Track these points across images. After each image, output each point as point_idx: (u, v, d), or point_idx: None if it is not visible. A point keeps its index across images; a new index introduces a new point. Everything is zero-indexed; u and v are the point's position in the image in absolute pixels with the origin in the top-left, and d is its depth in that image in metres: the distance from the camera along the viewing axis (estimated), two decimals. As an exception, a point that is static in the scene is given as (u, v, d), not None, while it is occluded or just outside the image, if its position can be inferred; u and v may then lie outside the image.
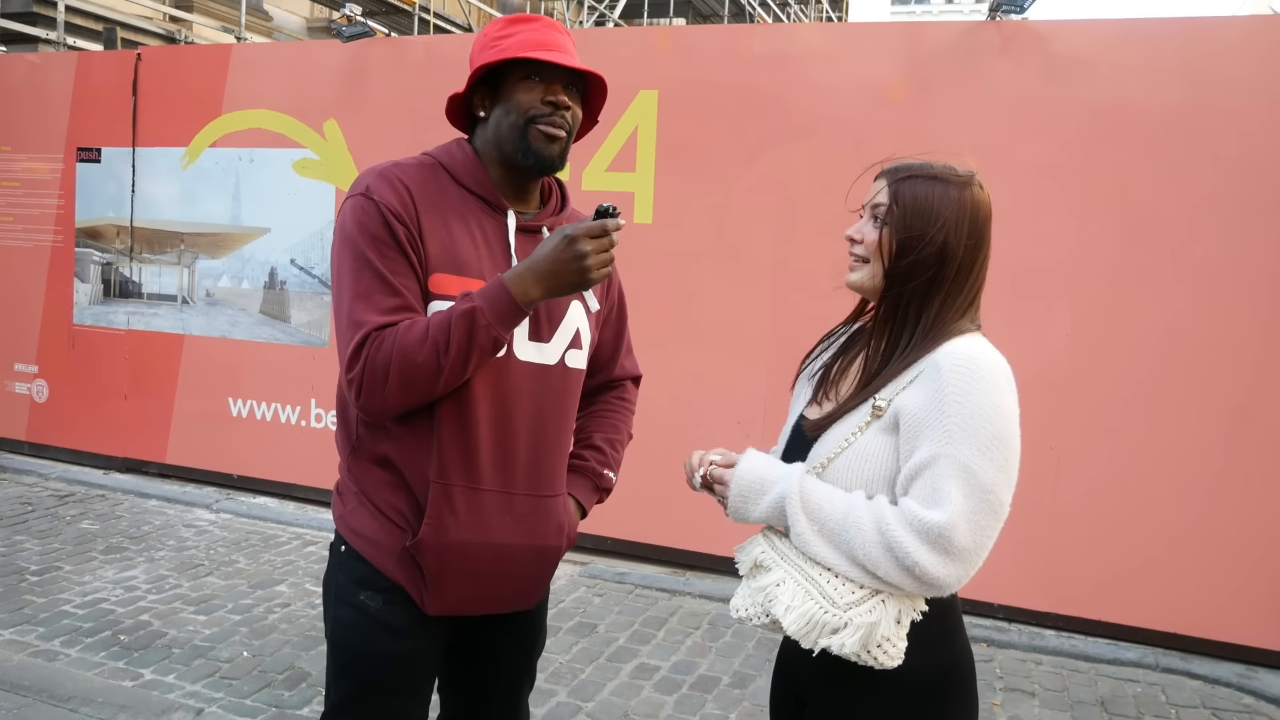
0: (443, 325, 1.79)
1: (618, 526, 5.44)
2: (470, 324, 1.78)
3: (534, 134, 1.93)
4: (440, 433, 1.89)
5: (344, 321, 1.87)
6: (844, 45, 5.35)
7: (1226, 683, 4.32)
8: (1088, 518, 4.65)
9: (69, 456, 6.91)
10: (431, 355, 1.78)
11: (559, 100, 1.95)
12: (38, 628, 4.28)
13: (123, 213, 6.69)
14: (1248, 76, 4.42)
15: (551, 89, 1.95)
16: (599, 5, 16.19)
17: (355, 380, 1.82)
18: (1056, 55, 4.69)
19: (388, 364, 1.79)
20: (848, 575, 1.64)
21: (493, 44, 1.96)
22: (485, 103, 1.99)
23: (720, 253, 5.23)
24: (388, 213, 1.86)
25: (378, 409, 1.86)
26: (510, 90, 1.95)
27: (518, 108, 1.94)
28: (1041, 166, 4.66)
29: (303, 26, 16.32)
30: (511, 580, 2.01)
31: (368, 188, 1.90)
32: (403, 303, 1.85)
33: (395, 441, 1.93)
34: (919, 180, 1.74)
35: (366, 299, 1.84)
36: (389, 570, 1.93)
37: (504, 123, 1.96)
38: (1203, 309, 4.49)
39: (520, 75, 1.94)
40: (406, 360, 1.78)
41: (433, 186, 1.95)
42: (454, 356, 1.79)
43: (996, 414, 1.61)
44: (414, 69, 5.97)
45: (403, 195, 1.89)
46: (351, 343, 1.83)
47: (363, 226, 1.87)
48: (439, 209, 1.93)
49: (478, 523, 1.92)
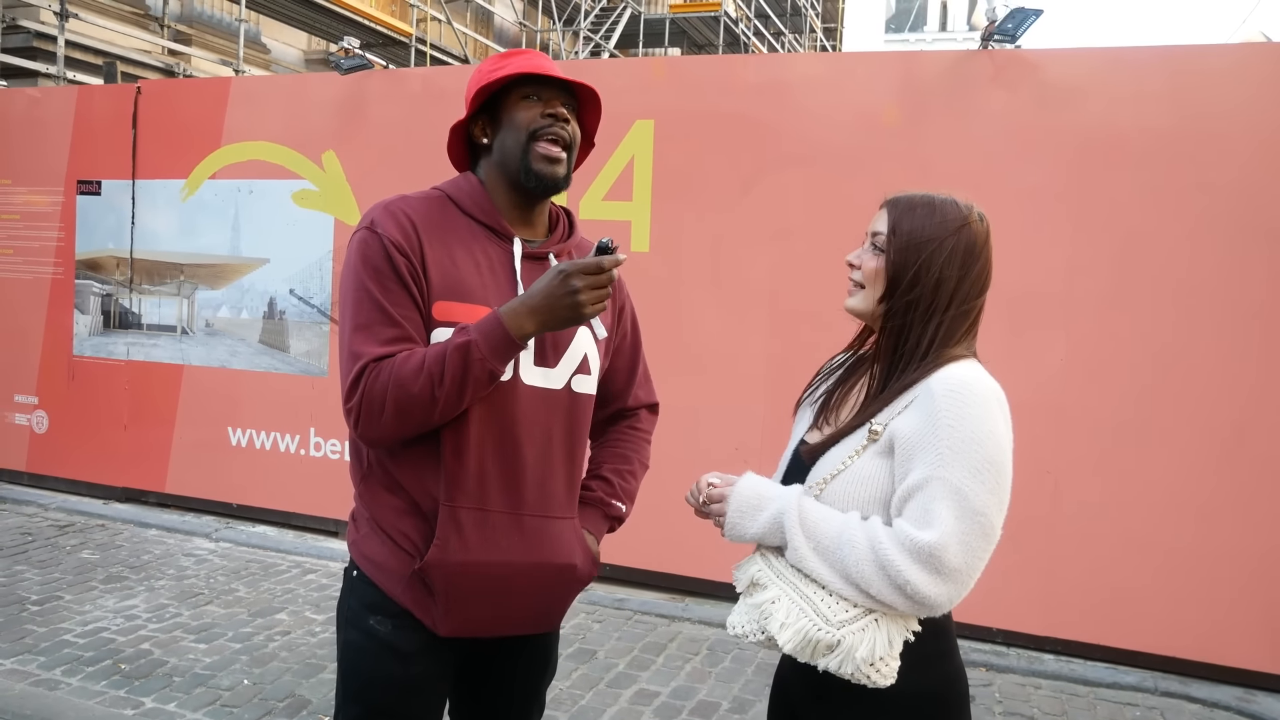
0: (438, 357, 1.83)
1: (616, 553, 5.43)
2: (465, 357, 1.82)
3: (535, 155, 1.99)
4: (447, 456, 1.93)
5: (344, 353, 1.92)
6: (838, 74, 5.41)
7: (1225, 706, 4.33)
8: (1085, 541, 4.66)
9: (69, 487, 6.92)
10: (427, 386, 1.82)
11: (558, 112, 2.01)
12: (39, 657, 4.28)
13: (123, 244, 6.73)
14: (1238, 103, 4.47)
15: (550, 104, 2.01)
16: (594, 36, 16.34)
17: (353, 410, 1.87)
18: (1048, 83, 4.74)
19: (384, 394, 1.84)
20: (841, 593, 1.66)
21: (488, 75, 2.02)
22: (487, 130, 2.05)
23: (717, 280, 5.27)
24: (390, 245, 1.91)
25: (375, 438, 1.92)
26: (510, 111, 2.01)
27: (519, 125, 2.00)
28: (1034, 193, 4.71)
29: (300, 59, 16.44)
30: (522, 600, 2.03)
31: (372, 222, 1.96)
32: (402, 334, 1.89)
33: (404, 466, 1.97)
34: (918, 212, 1.79)
35: (366, 330, 1.89)
36: (398, 595, 1.96)
37: (507, 143, 2.01)
38: (1196, 332, 4.53)
39: (519, 96, 2.01)
40: (402, 391, 1.83)
41: (438, 217, 2.00)
42: (448, 388, 1.83)
43: (988, 438, 1.64)
44: (411, 100, 6.03)
45: (405, 227, 1.94)
46: (350, 373, 1.88)
47: (365, 259, 1.93)
48: (444, 238, 1.98)
49: (486, 543, 1.95)
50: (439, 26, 15.83)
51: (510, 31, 18.90)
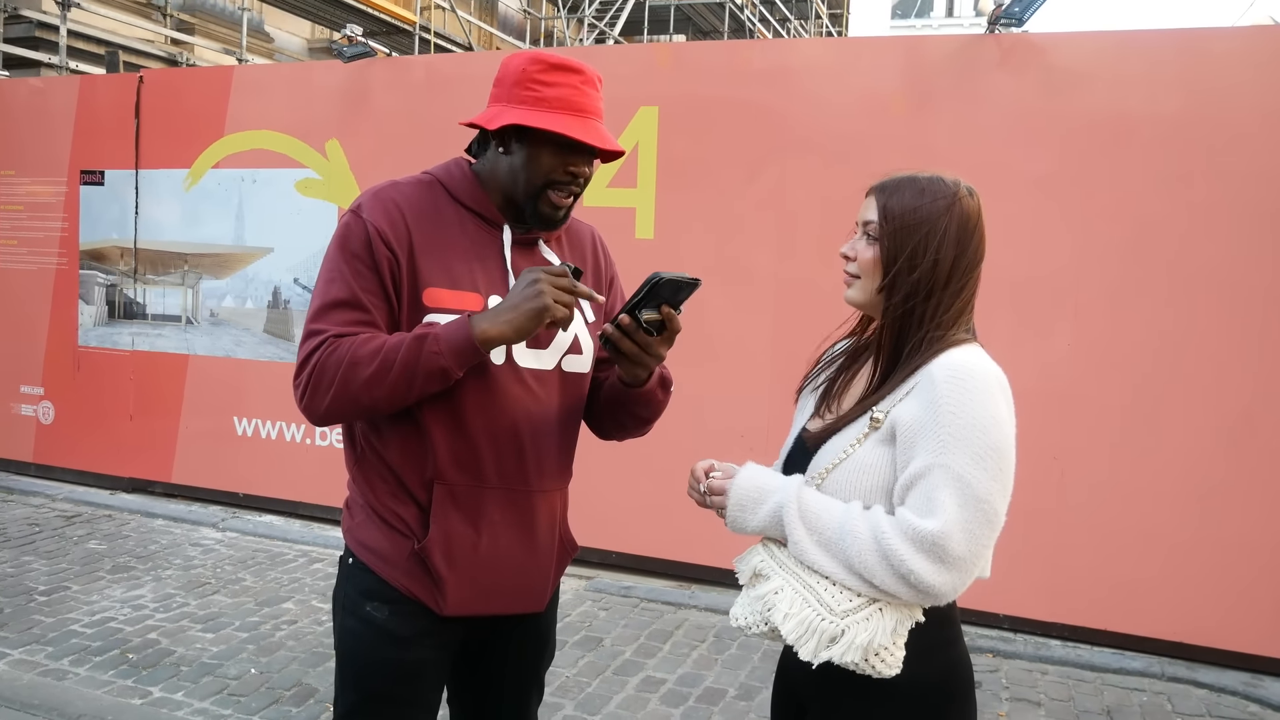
0: (395, 345, 1.84)
1: (623, 540, 5.45)
2: (420, 348, 1.83)
3: (545, 200, 1.98)
4: (442, 435, 1.94)
5: (305, 330, 1.94)
6: (844, 60, 5.39)
7: (1232, 691, 4.32)
8: (1092, 527, 4.65)
9: (75, 477, 6.93)
10: (378, 370, 1.83)
11: (580, 172, 1.98)
12: (47, 647, 4.30)
13: (126, 234, 6.73)
14: (1247, 87, 4.44)
15: (575, 160, 1.96)
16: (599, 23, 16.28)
17: (301, 383, 1.89)
18: (1055, 67, 4.71)
19: (336, 369, 1.85)
20: (845, 583, 1.65)
21: (531, 87, 1.93)
22: (508, 140, 1.99)
23: (721, 267, 5.25)
24: (373, 233, 1.91)
25: (317, 412, 1.91)
26: (535, 150, 1.95)
27: (538, 169, 1.95)
28: (1041, 178, 4.68)
29: (304, 48, 16.41)
30: (519, 575, 2.05)
31: (359, 206, 1.96)
32: (367, 319, 1.91)
33: (396, 448, 1.98)
34: (906, 194, 1.76)
35: (331, 310, 1.91)
36: (396, 580, 1.97)
37: (521, 175, 1.97)
38: (1204, 318, 4.50)
39: (546, 138, 1.93)
40: (354, 370, 1.84)
41: (429, 204, 2.00)
42: (396, 374, 1.83)
43: (991, 424, 1.63)
44: (415, 88, 6.01)
45: (393, 216, 1.94)
46: (306, 347, 1.90)
47: (344, 242, 1.94)
48: (434, 225, 1.97)
49: (482, 519, 1.98)
50: (443, 14, 15.78)
51: (515, 19, 18.85)
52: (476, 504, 1.98)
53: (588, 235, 2.25)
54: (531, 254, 2.06)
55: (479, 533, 1.98)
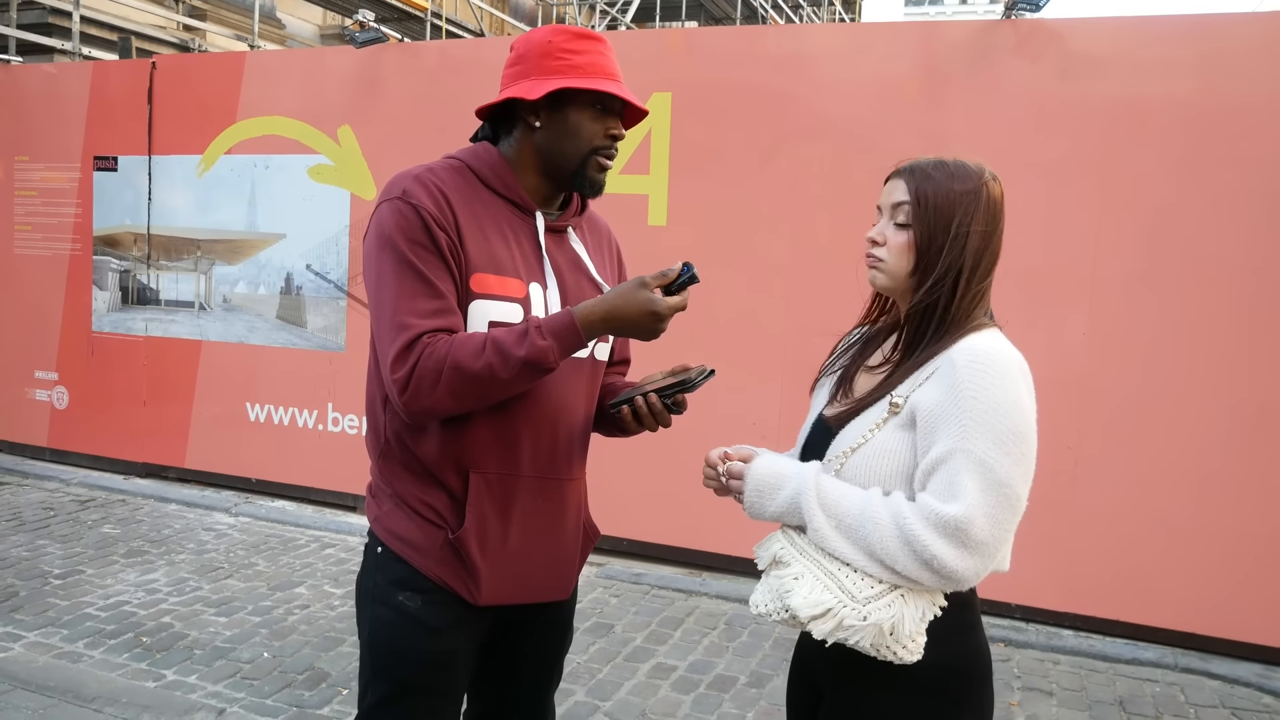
0: (503, 340, 1.83)
1: (634, 528, 5.45)
2: (538, 356, 1.83)
3: (594, 166, 2.00)
4: (478, 425, 1.94)
5: (387, 322, 1.88)
6: (857, 45, 5.35)
7: (1246, 682, 4.30)
8: (1105, 517, 4.63)
9: (89, 462, 6.97)
10: (488, 368, 1.81)
11: (619, 133, 2.02)
12: (61, 630, 4.32)
13: (140, 220, 6.74)
14: (1264, 72, 4.40)
15: (614, 122, 2.01)
16: (611, 9, 16.23)
17: (401, 380, 1.84)
18: (1072, 53, 4.67)
19: (439, 369, 1.81)
20: (866, 570, 1.65)
21: (562, 56, 1.96)
22: (542, 114, 2.00)
23: (734, 254, 5.24)
24: (429, 218, 1.89)
25: (421, 411, 1.88)
26: (577, 116, 1.97)
27: (582, 136, 1.98)
28: (1057, 164, 4.65)
29: (316, 33, 16.39)
30: (550, 564, 2.07)
31: (405, 192, 1.92)
32: (446, 305, 1.88)
33: (428, 439, 1.96)
34: (938, 177, 1.75)
35: (411, 300, 1.86)
36: (430, 570, 1.97)
37: (565, 144, 1.99)
38: (1221, 308, 4.47)
39: (587, 102, 1.97)
40: (461, 368, 1.81)
41: (466, 190, 1.98)
42: (509, 376, 1.83)
43: (1013, 409, 1.62)
44: (427, 74, 5.99)
45: (440, 202, 1.92)
46: (398, 342, 1.84)
47: (403, 230, 1.89)
48: (474, 211, 1.96)
49: (514, 507, 1.99)
50: (454, 0, 15.75)
51: (526, 5, 18.80)
52: (510, 493, 1.98)
53: (604, 229, 2.27)
54: (561, 241, 2.07)
55: (510, 522, 1.99)
